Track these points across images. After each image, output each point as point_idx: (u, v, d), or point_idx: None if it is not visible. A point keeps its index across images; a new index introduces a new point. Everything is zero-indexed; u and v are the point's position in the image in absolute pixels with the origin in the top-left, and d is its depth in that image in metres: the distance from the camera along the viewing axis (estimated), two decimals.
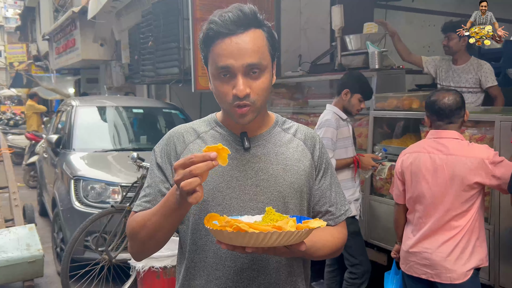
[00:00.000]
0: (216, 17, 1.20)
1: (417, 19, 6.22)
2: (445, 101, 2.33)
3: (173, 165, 1.26)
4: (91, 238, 4.00)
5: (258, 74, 1.20)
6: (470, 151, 2.25)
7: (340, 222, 1.37)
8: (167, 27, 5.82)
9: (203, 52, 1.25)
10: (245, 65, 1.18)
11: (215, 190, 1.26)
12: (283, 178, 1.28)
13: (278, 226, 1.04)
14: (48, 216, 5.81)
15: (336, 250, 1.34)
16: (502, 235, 2.66)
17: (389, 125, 3.71)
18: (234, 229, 1.01)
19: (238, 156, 1.28)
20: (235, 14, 1.18)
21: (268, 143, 1.32)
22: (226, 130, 1.32)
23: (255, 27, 1.21)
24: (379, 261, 3.54)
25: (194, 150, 1.31)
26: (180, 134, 1.35)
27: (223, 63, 1.18)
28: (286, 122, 1.39)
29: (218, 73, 1.21)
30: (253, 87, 1.20)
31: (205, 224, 1.09)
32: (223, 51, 1.18)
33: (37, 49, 16.69)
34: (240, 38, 1.18)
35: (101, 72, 11.30)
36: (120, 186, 4.23)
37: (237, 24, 1.18)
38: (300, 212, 1.32)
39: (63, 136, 5.24)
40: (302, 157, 1.33)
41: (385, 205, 3.41)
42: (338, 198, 1.38)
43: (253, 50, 1.19)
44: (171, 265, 3.43)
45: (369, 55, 3.79)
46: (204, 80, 5.10)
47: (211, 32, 1.20)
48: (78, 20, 9.20)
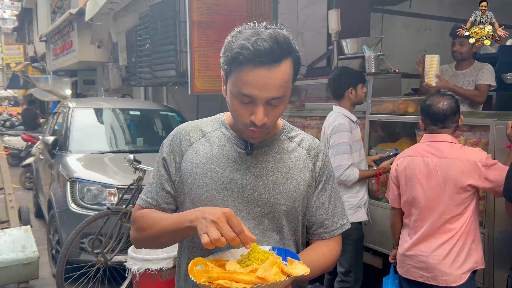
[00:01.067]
0: (250, 43, 1.13)
1: (413, 24, 6.25)
2: (439, 106, 2.34)
3: (177, 162, 1.32)
4: (87, 240, 3.99)
5: (277, 104, 1.21)
6: (463, 154, 2.27)
7: (335, 236, 1.36)
8: (164, 29, 5.83)
9: (226, 66, 1.20)
10: (269, 98, 1.17)
11: (214, 190, 1.27)
12: (282, 186, 1.29)
13: (262, 278, 1.02)
14: (44, 218, 5.80)
15: (327, 268, 1.34)
16: (497, 239, 2.67)
17: (385, 129, 3.72)
18: (217, 286, 1.01)
19: (240, 159, 1.29)
20: (270, 45, 1.12)
21: (271, 150, 1.32)
22: (232, 132, 1.33)
23: (285, 57, 1.17)
24: (375, 265, 3.55)
25: (198, 149, 1.32)
26: (187, 132, 1.36)
27: (248, 92, 1.16)
28: (293, 130, 1.40)
29: (239, 97, 1.19)
30: (270, 115, 1.21)
31: (189, 272, 1.08)
32: (250, 81, 1.15)
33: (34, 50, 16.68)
34: (269, 73, 1.14)
35: (98, 74, 11.29)
36: (116, 188, 4.22)
37: (270, 58, 1.13)
38: (294, 220, 1.32)
39: (60, 138, 5.24)
40: (304, 167, 1.33)
41: (381, 208, 3.42)
42: (336, 211, 1.37)
43: (280, 85, 1.17)
44: (166, 268, 3.43)
45: (366, 59, 3.81)
46: (200, 83, 5.12)
47: (241, 57, 1.14)
48: (76, 22, 9.20)
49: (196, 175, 1.29)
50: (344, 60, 4.13)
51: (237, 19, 5.41)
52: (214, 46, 5.09)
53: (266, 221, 1.28)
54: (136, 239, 1.35)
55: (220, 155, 1.30)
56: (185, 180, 1.31)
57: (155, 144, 5.64)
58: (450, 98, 2.39)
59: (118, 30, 8.57)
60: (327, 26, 4.37)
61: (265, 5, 5.31)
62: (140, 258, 3.45)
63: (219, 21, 5.09)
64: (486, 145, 2.74)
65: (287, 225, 1.31)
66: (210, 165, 1.29)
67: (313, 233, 1.37)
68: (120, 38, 8.39)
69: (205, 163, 1.29)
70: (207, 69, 5.11)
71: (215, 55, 5.14)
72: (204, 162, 1.30)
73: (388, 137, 3.71)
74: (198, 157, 1.31)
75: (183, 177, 1.31)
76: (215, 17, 5.06)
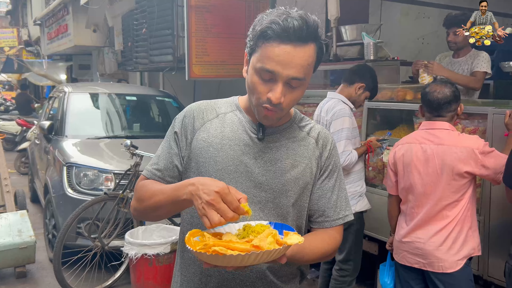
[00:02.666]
0: (281, 19, 1.16)
1: (412, 11, 6.22)
2: (435, 94, 2.34)
3: (188, 139, 1.33)
4: (83, 225, 3.99)
5: (296, 87, 1.22)
6: (460, 141, 2.27)
7: (336, 226, 1.36)
8: (161, 13, 5.77)
9: (252, 42, 1.23)
10: (290, 77, 1.18)
11: (223, 171, 1.28)
12: (290, 173, 1.30)
13: (257, 246, 1.03)
14: (40, 203, 5.80)
15: (326, 255, 1.34)
16: (492, 227, 2.70)
17: (382, 116, 3.73)
18: (212, 252, 1.02)
19: (251, 143, 1.31)
20: (299, 24, 1.16)
21: (282, 137, 1.33)
22: (245, 116, 1.34)
23: (312, 41, 1.20)
24: (371, 251, 3.58)
25: (211, 129, 1.33)
26: (201, 110, 1.37)
27: (270, 67, 1.18)
28: (304, 119, 1.41)
29: (261, 72, 1.20)
30: (287, 96, 1.21)
31: (186, 242, 1.09)
32: (274, 56, 1.17)
33: (28, 34, 16.47)
34: (295, 51, 1.17)
35: (93, 58, 11.18)
36: (113, 174, 4.22)
37: (297, 36, 1.16)
38: (299, 208, 1.33)
39: (56, 123, 5.21)
40: (311, 155, 1.35)
41: (377, 195, 3.44)
42: (339, 202, 1.37)
43: (302, 65, 1.19)
44: (163, 253, 3.44)
45: (364, 46, 3.79)
46: (197, 68, 5.08)
47: (270, 31, 1.17)
48: (71, 5, 9.08)
49: (207, 154, 1.30)
50: (343, 46, 4.11)
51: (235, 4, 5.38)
52: (212, 31, 5.05)
53: (271, 206, 1.29)
54: (135, 209, 1.36)
55: (232, 137, 1.31)
56: (195, 158, 1.32)
57: (152, 129, 5.63)
58: (450, 87, 2.37)
59: (114, 14, 8.46)
60: (326, 12, 4.34)
61: None
62: (137, 243, 3.46)
63: (217, 5, 5.04)
64: (484, 133, 2.75)
65: (292, 211, 1.32)
66: (222, 145, 1.30)
67: (314, 221, 1.38)
68: (116, 22, 8.29)
69: (217, 143, 1.30)
70: (205, 55, 5.07)
71: (213, 40, 5.10)
72: (216, 142, 1.31)
73: (386, 124, 3.71)
74: (210, 136, 1.32)
75: (193, 154, 1.32)
76: (213, 1, 5.01)
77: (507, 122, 2.45)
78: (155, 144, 5.21)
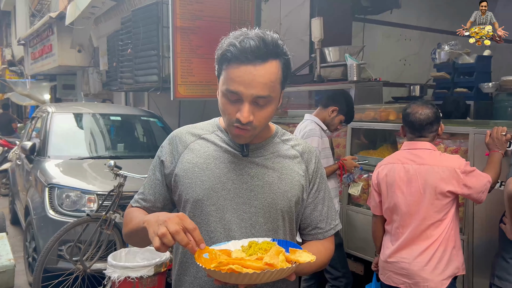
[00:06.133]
0: (238, 41, 1.19)
1: (393, 33, 6.36)
2: (417, 115, 2.37)
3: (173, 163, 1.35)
4: (65, 248, 3.90)
5: (264, 104, 1.23)
6: (442, 161, 2.30)
7: (329, 236, 1.40)
8: (146, 34, 5.79)
9: (217, 66, 1.27)
10: (254, 96, 1.20)
11: (211, 190, 1.29)
12: (277, 186, 1.32)
13: (270, 264, 1.06)
14: (20, 225, 5.66)
15: (321, 266, 1.37)
16: (476, 246, 2.71)
17: (366, 136, 3.76)
18: (228, 270, 1.03)
19: (236, 160, 1.32)
20: (256, 43, 1.18)
21: (266, 152, 1.35)
22: (227, 135, 1.36)
23: (273, 58, 1.21)
24: (356, 271, 3.57)
25: (195, 149, 1.35)
26: (183, 134, 1.40)
27: (234, 89, 1.20)
28: (286, 134, 1.43)
29: (227, 94, 1.23)
30: (256, 115, 1.23)
31: (196, 260, 1.10)
32: (236, 78, 1.19)
33: (12, 53, 16.34)
34: (255, 70, 1.18)
35: (78, 78, 11.13)
36: (96, 195, 4.15)
37: (255, 55, 1.18)
38: (289, 220, 1.34)
39: (38, 143, 5.13)
40: (298, 168, 1.36)
41: (362, 215, 3.44)
42: (329, 212, 1.40)
43: (265, 83, 1.20)
44: (147, 275, 3.38)
45: (348, 67, 3.85)
46: (183, 88, 5.08)
47: (229, 54, 1.20)
48: (55, 26, 9.07)
49: (193, 174, 1.32)
50: (327, 67, 4.17)
51: (220, 26, 5.44)
52: (197, 52, 5.07)
53: (262, 221, 1.30)
54: (123, 235, 1.41)
55: (216, 155, 1.33)
56: (182, 180, 1.33)
57: (136, 150, 5.59)
58: (431, 107, 2.41)
59: (99, 34, 8.47)
60: (310, 34, 4.42)
61: (249, 12, 5.33)
62: (120, 266, 3.39)
63: (202, 27, 5.08)
64: (466, 152, 2.79)
65: (283, 225, 1.33)
66: (207, 165, 1.32)
67: (307, 233, 1.40)
68: (101, 43, 8.30)
69: (202, 163, 1.32)
70: (190, 75, 5.08)
71: (198, 61, 5.12)
72: (201, 162, 1.33)
73: (370, 144, 3.75)
74: (195, 157, 1.34)
75: (179, 176, 1.33)
76: (198, 23, 5.05)
77: (487, 142, 2.49)
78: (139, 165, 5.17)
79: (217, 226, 1.28)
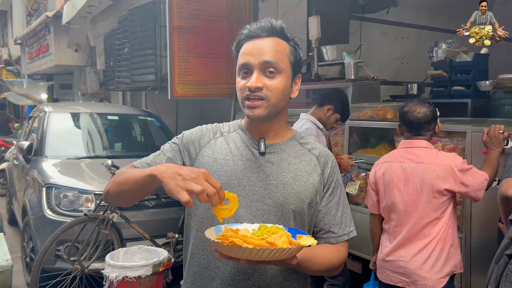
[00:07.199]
0: (250, 27, 1.33)
1: (391, 32, 6.35)
2: (415, 114, 2.38)
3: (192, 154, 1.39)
4: (62, 248, 3.90)
5: (274, 75, 1.29)
6: (439, 159, 2.30)
7: (342, 241, 1.40)
8: (143, 33, 5.78)
9: (235, 53, 1.37)
10: (262, 62, 1.27)
11: (226, 185, 1.31)
12: (291, 186, 1.33)
13: (271, 242, 1.08)
14: (18, 225, 5.65)
15: (332, 268, 1.36)
16: (474, 243, 2.72)
17: (364, 135, 3.76)
18: (229, 243, 1.06)
19: (253, 158, 1.35)
20: (264, 23, 1.32)
21: (283, 152, 1.38)
22: (248, 134, 1.41)
23: (280, 38, 1.32)
24: (354, 270, 3.57)
25: (216, 146, 1.40)
26: (208, 130, 1.45)
27: (244, 61, 1.30)
28: (304, 138, 1.46)
29: (239, 71, 1.32)
30: (267, 84, 1.28)
31: (206, 233, 1.14)
32: (245, 51, 1.31)
33: (9, 53, 16.29)
34: (262, 40, 1.30)
35: (75, 78, 11.10)
36: (93, 194, 4.14)
37: (263, 30, 1.31)
38: (301, 221, 1.36)
39: (35, 143, 5.12)
40: (313, 171, 1.38)
41: (360, 213, 3.44)
42: (343, 218, 1.41)
43: (271, 50, 1.29)
44: (145, 275, 3.37)
45: (345, 66, 3.85)
46: (180, 88, 5.08)
47: (242, 37, 1.33)
48: (52, 25, 9.03)
49: (212, 169, 1.35)
50: (324, 66, 4.16)
51: (217, 25, 5.43)
52: (194, 51, 5.07)
53: (274, 219, 1.32)
54: (105, 189, 1.37)
55: (235, 153, 1.37)
56: None
57: (134, 149, 5.58)
58: (428, 106, 2.41)
59: (96, 33, 8.45)
60: (307, 33, 4.41)
61: (246, 10, 5.33)
62: (117, 266, 3.38)
63: (199, 26, 5.07)
64: (463, 151, 2.79)
65: (294, 225, 1.34)
66: (225, 161, 1.36)
67: (320, 237, 1.41)
68: (98, 42, 8.28)
69: (221, 159, 1.36)
70: (187, 74, 5.08)
71: (195, 60, 5.12)
72: (220, 158, 1.36)
73: (367, 143, 3.74)
74: (215, 152, 1.38)
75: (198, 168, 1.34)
76: (195, 22, 5.04)
77: (485, 140, 2.49)
78: None
79: (229, 221, 1.30)
